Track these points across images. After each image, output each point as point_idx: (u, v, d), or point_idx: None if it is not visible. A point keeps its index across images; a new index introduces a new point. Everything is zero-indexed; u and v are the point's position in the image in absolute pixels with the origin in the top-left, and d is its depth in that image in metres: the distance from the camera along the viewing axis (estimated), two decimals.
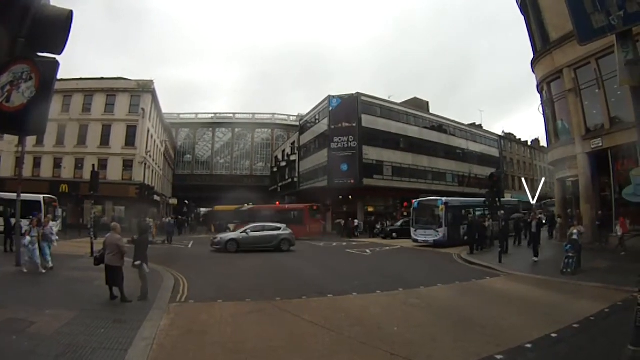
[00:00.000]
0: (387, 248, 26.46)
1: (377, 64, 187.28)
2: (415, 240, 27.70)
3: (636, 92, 5.50)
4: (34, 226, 14.15)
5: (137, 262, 9.96)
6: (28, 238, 13.65)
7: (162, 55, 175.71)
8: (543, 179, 58.80)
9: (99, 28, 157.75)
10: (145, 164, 43.91)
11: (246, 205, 44.30)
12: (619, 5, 5.23)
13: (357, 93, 45.61)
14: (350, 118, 44.78)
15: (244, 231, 24.36)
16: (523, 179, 66.85)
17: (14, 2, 3.21)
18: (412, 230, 28.56)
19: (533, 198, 34.18)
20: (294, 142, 58.48)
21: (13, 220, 16.77)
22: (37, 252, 13.52)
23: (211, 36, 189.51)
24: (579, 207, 22.06)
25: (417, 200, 29.76)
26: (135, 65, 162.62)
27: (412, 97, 57.76)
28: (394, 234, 34.57)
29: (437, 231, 26.09)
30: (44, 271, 13.42)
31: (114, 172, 41.91)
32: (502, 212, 21.73)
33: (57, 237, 14.92)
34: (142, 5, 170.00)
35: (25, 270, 13.42)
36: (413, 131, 50.49)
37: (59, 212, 29.09)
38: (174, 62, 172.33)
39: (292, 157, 57.49)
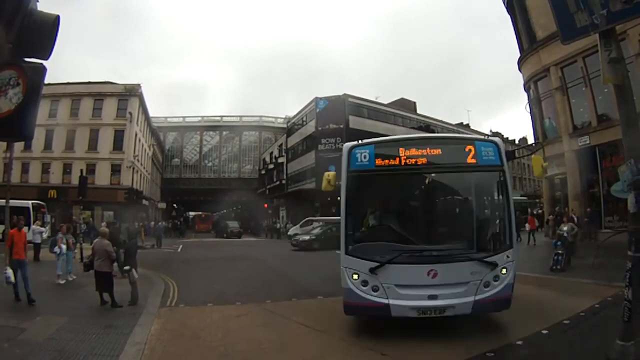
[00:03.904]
0: None
1: (367, 65, 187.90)
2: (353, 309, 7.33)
3: (620, 90, 5.57)
4: (64, 233, 13.56)
5: (126, 268, 9.92)
6: (64, 247, 12.88)
7: (150, 57, 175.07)
8: None
9: (85, 29, 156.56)
10: (134, 168, 43.61)
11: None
12: (602, 4, 5.29)
13: (344, 94, 45.58)
14: (337, 119, 44.61)
15: None
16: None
17: (1, 8, 3.19)
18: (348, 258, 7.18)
19: None
20: (282, 144, 58.44)
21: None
22: (61, 263, 12.75)
23: (200, 37, 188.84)
24: (568, 204, 22.23)
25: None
26: (123, 67, 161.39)
27: (399, 97, 57.92)
28: None
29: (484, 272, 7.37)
30: (62, 282, 12.63)
31: (102, 176, 41.58)
32: None
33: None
34: (131, 6, 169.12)
35: (62, 282, 12.57)
36: (400, 132, 50.29)
37: (48, 217, 28.76)
38: (162, 64, 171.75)
39: (280, 160, 57.45)
